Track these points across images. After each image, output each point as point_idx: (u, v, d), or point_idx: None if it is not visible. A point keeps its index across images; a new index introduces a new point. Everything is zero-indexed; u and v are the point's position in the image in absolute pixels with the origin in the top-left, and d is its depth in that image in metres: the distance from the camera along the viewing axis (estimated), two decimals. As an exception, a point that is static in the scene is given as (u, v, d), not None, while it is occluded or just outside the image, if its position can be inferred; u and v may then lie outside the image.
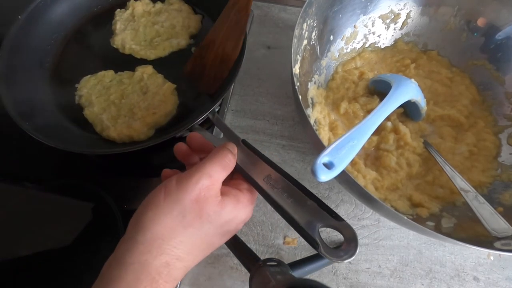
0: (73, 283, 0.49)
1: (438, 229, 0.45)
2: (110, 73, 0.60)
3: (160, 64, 0.61)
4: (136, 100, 0.56)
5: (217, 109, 0.49)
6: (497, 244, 0.39)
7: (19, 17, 0.58)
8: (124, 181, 0.56)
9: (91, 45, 0.64)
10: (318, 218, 0.34)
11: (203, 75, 0.57)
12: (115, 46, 0.63)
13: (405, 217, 0.36)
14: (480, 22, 0.58)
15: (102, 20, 0.67)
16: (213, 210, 0.33)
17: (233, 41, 0.54)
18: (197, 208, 0.33)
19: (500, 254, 0.50)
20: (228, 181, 0.39)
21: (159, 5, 0.67)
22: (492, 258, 0.50)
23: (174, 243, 0.32)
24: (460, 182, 0.47)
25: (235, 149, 0.38)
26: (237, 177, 0.40)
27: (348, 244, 0.33)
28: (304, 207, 0.35)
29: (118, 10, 0.67)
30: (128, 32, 0.63)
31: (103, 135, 0.54)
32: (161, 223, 0.32)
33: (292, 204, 0.35)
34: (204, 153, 0.43)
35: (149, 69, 0.60)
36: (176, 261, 0.32)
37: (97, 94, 0.57)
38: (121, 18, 0.66)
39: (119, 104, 0.56)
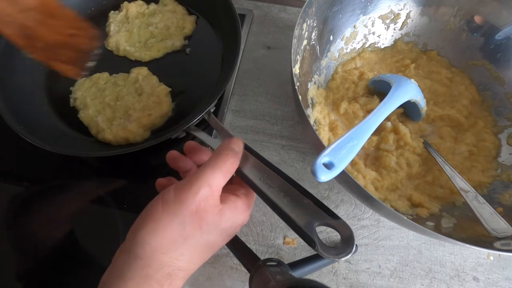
0: (73, 283, 0.49)
1: (438, 229, 0.45)
2: (104, 75, 0.60)
3: (155, 66, 0.61)
4: (131, 102, 0.56)
5: (212, 110, 0.49)
6: (497, 244, 0.39)
7: None
8: (123, 181, 0.56)
9: (85, 48, 0.64)
10: (315, 217, 0.34)
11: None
12: (109, 48, 0.63)
13: (405, 217, 0.36)
14: (480, 22, 0.58)
15: (96, 22, 0.66)
16: (213, 220, 0.33)
17: None
18: (197, 219, 0.32)
19: (500, 254, 0.50)
20: (225, 185, 0.38)
21: (153, 6, 0.67)
22: (492, 258, 0.50)
23: (175, 255, 0.32)
24: (460, 182, 0.47)
25: (241, 145, 0.37)
26: (234, 181, 0.39)
27: (345, 242, 0.33)
28: (300, 206, 0.35)
29: (112, 12, 0.67)
30: (122, 34, 0.63)
31: (98, 137, 0.54)
32: (161, 236, 0.31)
33: (289, 203, 0.35)
34: (202, 162, 0.42)
35: (144, 70, 0.59)
36: (178, 271, 0.32)
37: (92, 97, 0.57)
38: (115, 20, 0.66)
39: (114, 106, 0.56)
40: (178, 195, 0.32)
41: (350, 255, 0.32)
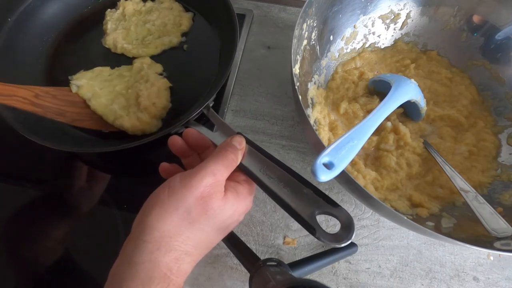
0: (73, 283, 0.49)
1: (438, 229, 0.45)
2: (106, 68, 0.60)
3: None
4: (139, 89, 0.56)
5: (211, 104, 0.50)
6: (497, 244, 0.39)
7: (9, 19, 0.58)
8: (123, 180, 0.57)
9: (83, 46, 0.64)
10: (315, 206, 0.35)
11: None
12: (107, 46, 0.63)
13: (405, 217, 0.36)
14: (480, 22, 0.58)
15: (93, 20, 0.67)
16: (218, 205, 0.34)
17: None
18: (202, 204, 0.33)
19: (500, 254, 0.50)
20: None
21: (149, 3, 0.68)
22: (492, 258, 0.50)
23: (182, 239, 0.33)
24: (460, 182, 0.47)
25: (242, 142, 0.38)
26: (235, 169, 0.40)
27: (345, 229, 0.34)
28: (301, 195, 0.36)
29: (109, 10, 0.67)
30: (119, 32, 0.63)
31: (116, 124, 0.54)
32: (167, 221, 0.32)
33: (289, 193, 0.36)
34: (201, 149, 0.44)
35: (147, 60, 0.60)
36: (185, 256, 0.33)
37: (100, 86, 0.57)
38: (112, 18, 0.66)
39: (126, 94, 0.56)
40: (183, 182, 0.33)
41: (349, 241, 0.33)
